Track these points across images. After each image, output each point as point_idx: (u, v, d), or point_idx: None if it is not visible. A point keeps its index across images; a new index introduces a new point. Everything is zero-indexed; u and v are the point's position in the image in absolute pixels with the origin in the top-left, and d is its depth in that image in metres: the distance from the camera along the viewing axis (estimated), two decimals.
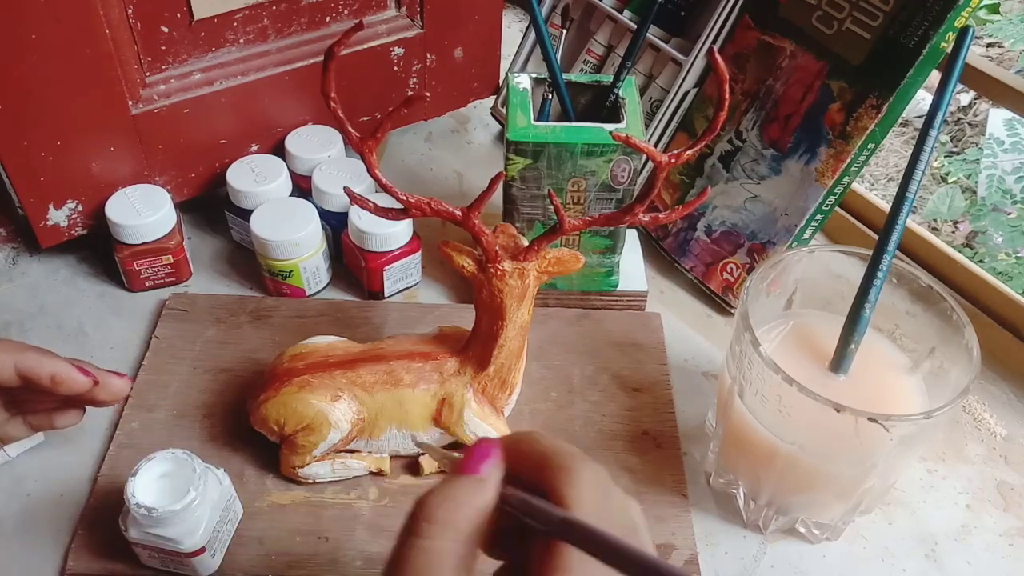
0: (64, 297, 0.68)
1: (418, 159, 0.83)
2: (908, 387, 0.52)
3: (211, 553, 0.50)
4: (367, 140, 0.48)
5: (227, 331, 0.64)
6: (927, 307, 0.52)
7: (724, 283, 0.69)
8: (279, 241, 0.63)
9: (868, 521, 0.57)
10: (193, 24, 0.63)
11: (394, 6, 0.72)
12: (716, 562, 0.54)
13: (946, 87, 0.48)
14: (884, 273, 0.49)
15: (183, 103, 0.65)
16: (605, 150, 0.58)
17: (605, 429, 0.60)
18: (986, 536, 0.56)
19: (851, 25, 0.59)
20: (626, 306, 0.68)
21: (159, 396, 0.60)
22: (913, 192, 0.49)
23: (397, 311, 0.67)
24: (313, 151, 0.71)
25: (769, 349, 0.48)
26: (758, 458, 0.52)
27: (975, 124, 1.71)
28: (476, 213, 0.49)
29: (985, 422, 0.63)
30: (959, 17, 0.55)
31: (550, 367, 0.63)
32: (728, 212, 0.68)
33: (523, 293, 0.52)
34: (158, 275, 0.67)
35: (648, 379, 0.63)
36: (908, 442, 0.47)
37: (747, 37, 0.66)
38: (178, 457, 0.49)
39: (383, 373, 0.54)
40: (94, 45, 0.59)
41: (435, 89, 0.78)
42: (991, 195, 1.45)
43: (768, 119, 0.65)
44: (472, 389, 0.54)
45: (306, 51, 0.69)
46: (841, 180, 0.62)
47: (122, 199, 0.65)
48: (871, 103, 0.59)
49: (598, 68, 0.76)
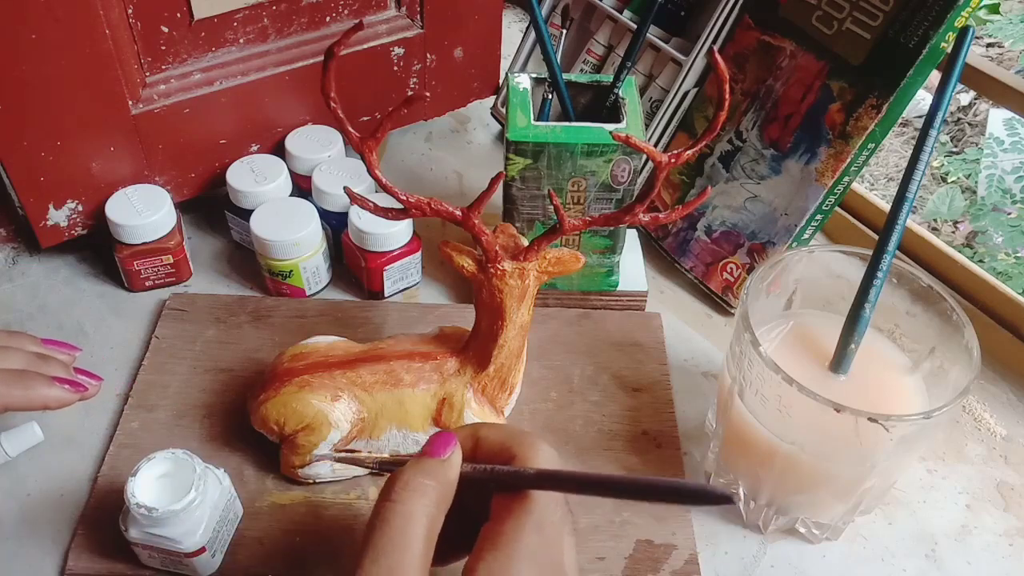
0: (64, 297, 0.68)
1: (418, 159, 0.83)
2: (908, 387, 0.52)
3: (211, 553, 0.50)
4: (367, 140, 0.48)
5: (227, 331, 0.64)
6: (927, 307, 0.52)
7: (724, 283, 0.69)
8: (279, 241, 0.63)
9: (868, 521, 0.57)
10: (193, 24, 0.63)
11: (394, 6, 0.72)
12: (716, 562, 0.54)
13: (946, 87, 0.48)
14: (884, 273, 0.49)
15: (183, 103, 0.65)
16: (605, 150, 0.58)
17: (605, 429, 0.60)
18: (986, 536, 0.56)
19: (851, 25, 0.59)
20: (626, 306, 0.68)
21: (159, 396, 0.60)
22: (913, 192, 0.49)
23: (397, 311, 0.67)
24: (313, 151, 0.71)
25: (769, 349, 0.48)
26: (758, 458, 0.52)
27: (975, 124, 1.71)
28: (476, 213, 0.49)
29: (985, 422, 0.63)
30: (959, 17, 0.55)
31: (550, 367, 0.63)
32: (728, 212, 0.68)
33: (523, 293, 0.52)
34: (158, 275, 0.67)
35: (648, 379, 0.63)
36: (908, 442, 0.47)
37: (747, 37, 0.66)
38: (178, 457, 0.49)
39: (383, 373, 0.54)
40: (94, 45, 0.59)
41: (435, 89, 0.78)
42: (991, 195, 1.45)
43: (768, 119, 0.65)
44: (472, 389, 0.54)
45: (306, 51, 0.69)
46: (841, 180, 0.62)
47: (122, 199, 0.65)
48: (871, 103, 0.59)
49: (598, 68, 0.76)
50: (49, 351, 0.55)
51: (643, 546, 0.54)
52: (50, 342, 0.55)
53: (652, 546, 0.54)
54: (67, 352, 0.56)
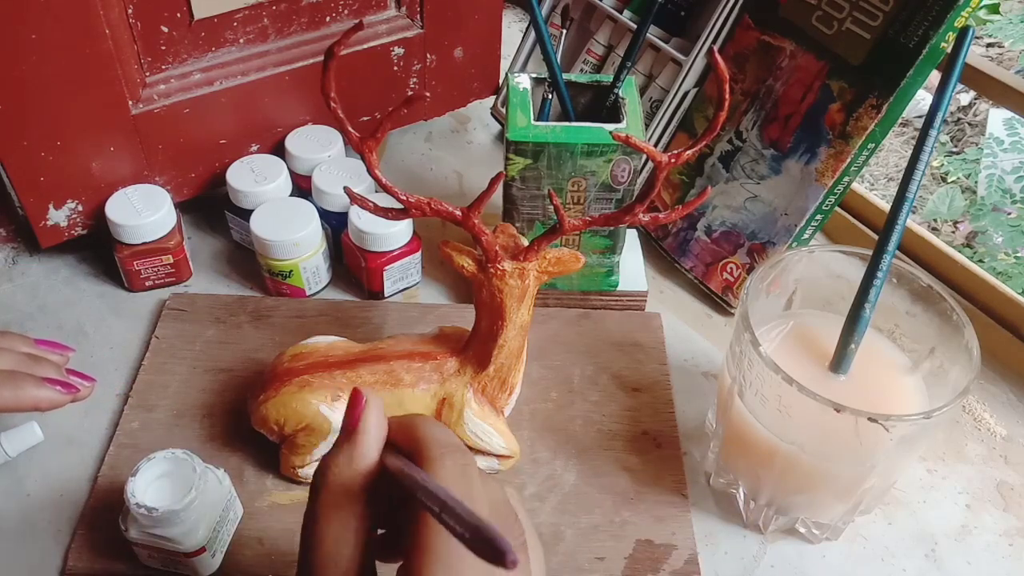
0: (64, 297, 0.68)
1: (418, 159, 0.83)
2: (908, 387, 0.52)
3: (211, 553, 0.50)
4: (367, 140, 0.48)
5: (227, 331, 0.64)
6: (927, 307, 0.52)
7: (724, 283, 0.69)
8: (279, 241, 0.63)
9: (868, 521, 0.57)
10: (193, 24, 0.63)
11: (394, 6, 0.72)
12: (716, 562, 0.54)
13: (946, 87, 0.48)
14: (884, 273, 0.49)
15: (183, 103, 0.65)
16: (605, 150, 0.58)
17: (605, 429, 0.60)
18: (986, 536, 0.56)
19: (851, 25, 0.59)
20: (626, 306, 0.68)
21: (159, 396, 0.60)
22: (913, 192, 0.49)
23: (397, 311, 0.67)
24: (313, 151, 0.71)
25: (769, 349, 0.48)
26: (758, 458, 0.52)
27: (975, 124, 1.71)
28: (476, 213, 0.49)
29: (985, 422, 0.63)
30: (959, 17, 0.55)
31: (550, 367, 0.63)
32: (728, 212, 0.68)
33: (523, 293, 0.52)
34: (158, 275, 0.67)
35: (648, 379, 0.63)
36: (908, 442, 0.47)
37: (747, 37, 0.66)
38: (178, 457, 0.49)
39: (383, 373, 0.54)
40: (94, 45, 0.59)
41: (435, 89, 0.78)
42: (991, 195, 1.45)
43: (768, 119, 0.65)
44: (472, 389, 0.54)
45: (306, 51, 0.69)
46: (841, 180, 0.62)
47: (122, 199, 0.65)
48: (871, 103, 0.59)
49: (598, 68, 0.76)
50: (41, 352, 0.54)
51: (643, 546, 0.54)
52: (43, 343, 0.55)
53: (652, 546, 0.54)
54: (60, 353, 0.55)
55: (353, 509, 0.35)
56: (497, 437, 0.55)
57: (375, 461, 0.36)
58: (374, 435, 0.36)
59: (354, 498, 0.35)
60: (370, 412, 0.37)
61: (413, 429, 0.37)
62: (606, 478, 0.57)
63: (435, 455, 0.35)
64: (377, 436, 0.37)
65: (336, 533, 0.35)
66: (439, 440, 0.36)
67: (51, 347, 0.55)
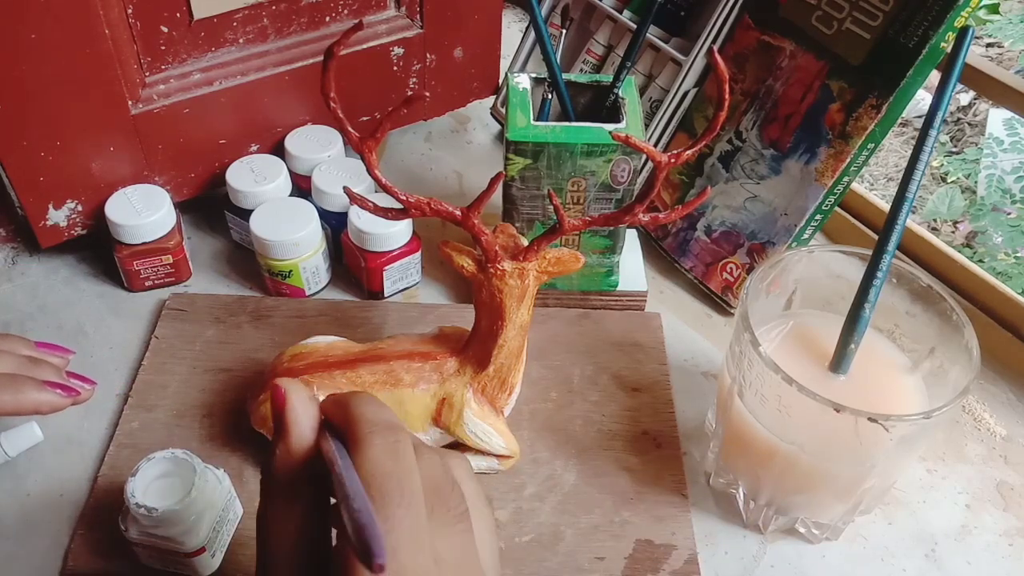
0: (64, 297, 0.68)
1: (418, 159, 0.83)
2: (908, 387, 0.52)
3: (211, 553, 0.50)
4: (367, 140, 0.48)
5: (227, 331, 0.64)
6: (927, 307, 0.52)
7: (724, 283, 0.69)
8: (279, 241, 0.63)
9: (868, 521, 0.57)
10: (193, 24, 0.63)
11: (394, 6, 0.72)
12: (716, 562, 0.54)
13: (946, 87, 0.48)
14: (884, 273, 0.49)
15: (183, 103, 0.65)
16: (605, 150, 0.58)
17: (605, 429, 0.60)
18: (986, 536, 0.56)
19: (851, 25, 0.59)
20: (626, 306, 0.68)
21: (159, 396, 0.60)
22: (913, 192, 0.49)
23: (397, 311, 0.67)
24: (313, 151, 0.71)
25: (769, 349, 0.48)
26: (758, 458, 0.52)
27: (975, 124, 1.71)
28: (476, 213, 0.49)
29: (985, 422, 0.63)
30: (959, 17, 0.55)
31: (550, 367, 0.63)
32: (728, 212, 0.68)
33: (523, 293, 0.52)
34: (158, 275, 0.67)
35: (648, 379, 0.63)
36: (908, 442, 0.47)
37: (747, 37, 0.66)
38: (178, 457, 0.49)
39: (383, 373, 0.54)
40: (94, 45, 0.59)
41: (435, 89, 0.78)
42: (991, 195, 1.45)
43: (768, 119, 0.65)
44: (472, 389, 0.54)
45: (306, 51, 0.69)
46: (841, 180, 0.62)
47: (122, 199, 0.65)
48: (871, 103, 0.59)
49: (598, 68, 0.76)
50: (41, 354, 0.54)
51: (643, 546, 0.54)
52: (44, 345, 0.55)
53: (652, 546, 0.54)
54: (60, 355, 0.55)
55: (297, 495, 0.34)
56: (497, 437, 0.55)
57: (311, 444, 0.35)
58: (303, 421, 0.35)
59: (298, 484, 0.35)
60: (291, 399, 0.36)
61: (345, 408, 0.36)
62: (606, 478, 0.57)
63: (363, 434, 0.34)
64: (307, 420, 0.36)
65: (281, 521, 0.34)
66: (368, 418, 0.35)
67: (51, 349, 0.55)
